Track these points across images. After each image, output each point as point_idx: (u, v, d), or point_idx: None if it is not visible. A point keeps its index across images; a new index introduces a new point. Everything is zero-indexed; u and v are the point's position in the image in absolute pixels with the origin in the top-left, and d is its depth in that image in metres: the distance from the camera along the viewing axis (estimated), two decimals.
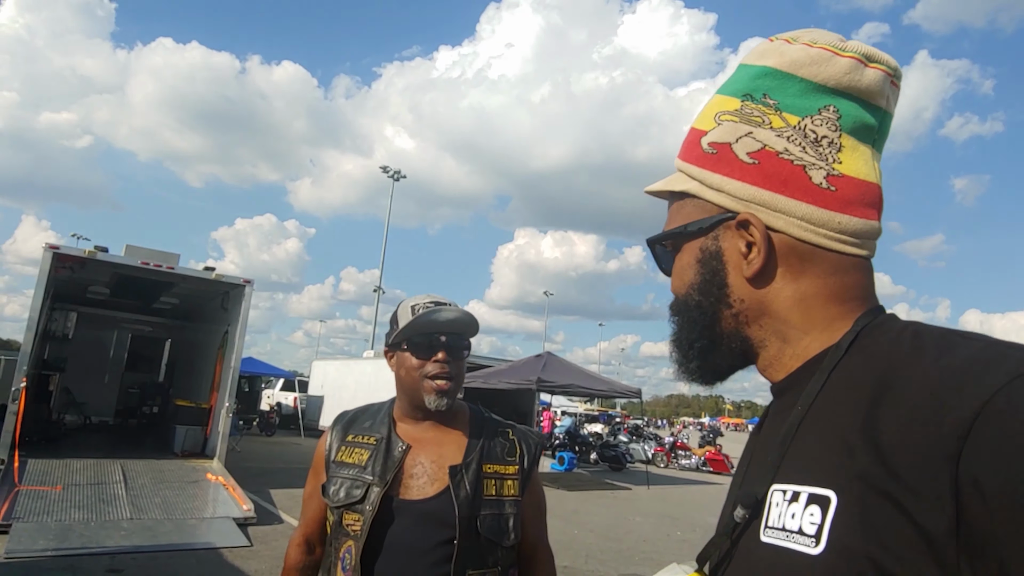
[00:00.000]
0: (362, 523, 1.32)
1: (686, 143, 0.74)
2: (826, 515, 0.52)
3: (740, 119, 0.68)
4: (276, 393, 24.17)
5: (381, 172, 35.42)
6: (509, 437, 1.48)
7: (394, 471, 1.36)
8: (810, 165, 0.64)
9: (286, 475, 11.26)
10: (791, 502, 0.56)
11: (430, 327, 1.40)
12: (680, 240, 0.72)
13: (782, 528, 0.55)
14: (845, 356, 0.60)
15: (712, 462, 19.68)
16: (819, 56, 0.65)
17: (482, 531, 1.33)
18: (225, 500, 7.89)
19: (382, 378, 18.07)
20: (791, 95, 0.66)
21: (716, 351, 0.70)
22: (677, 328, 0.73)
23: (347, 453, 1.45)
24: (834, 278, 0.65)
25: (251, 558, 6.01)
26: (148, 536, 6.23)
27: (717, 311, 0.68)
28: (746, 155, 0.67)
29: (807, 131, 0.65)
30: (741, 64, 0.73)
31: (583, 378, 15.09)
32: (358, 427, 1.50)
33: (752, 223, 0.65)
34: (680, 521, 10.23)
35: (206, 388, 11.51)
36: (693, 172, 0.71)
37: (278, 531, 7.16)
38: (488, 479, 1.39)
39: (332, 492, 1.40)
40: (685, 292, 0.71)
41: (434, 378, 1.38)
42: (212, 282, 10.40)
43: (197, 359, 13.37)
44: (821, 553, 0.51)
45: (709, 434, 29.76)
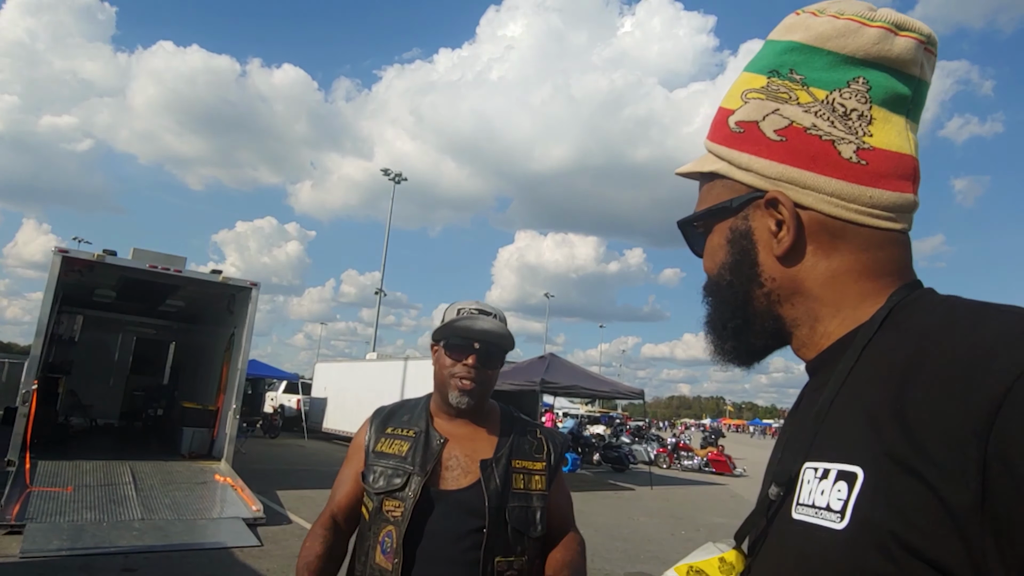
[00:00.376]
0: (403, 510, 1.41)
1: (714, 123, 0.73)
2: (852, 491, 0.52)
3: (767, 96, 0.68)
4: (279, 395, 24.21)
5: (382, 175, 35.48)
6: (537, 436, 1.58)
7: (433, 462, 1.46)
8: (839, 140, 0.63)
9: (291, 476, 11.33)
10: (821, 479, 0.56)
11: (466, 332, 1.50)
12: (710, 221, 0.72)
13: (811, 505, 0.56)
14: (878, 333, 0.59)
15: (714, 463, 19.71)
16: (846, 28, 0.64)
17: (510, 521, 1.42)
18: (234, 501, 7.96)
19: (386, 380, 18.17)
20: (818, 69, 0.65)
21: (750, 331, 0.69)
22: (711, 309, 0.73)
23: (387, 444, 1.54)
24: (867, 254, 0.63)
25: (262, 557, 6.08)
26: (160, 536, 6.31)
27: (749, 290, 0.68)
28: (773, 132, 0.66)
29: (835, 105, 0.64)
30: (768, 40, 0.71)
31: (586, 379, 15.14)
32: (397, 420, 1.59)
33: (781, 201, 0.64)
34: (684, 521, 10.29)
35: (212, 390, 11.57)
36: (721, 152, 0.71)
37: (287, 531, 7.23)
38: (517, 474, 1.48)
39: (372, 480, 1.49)
40: (717, 272, 0.71)
41: (460, 379, 1.49)
42: (218, 285, 10.47)
43: (203, 361, 13.44)
44: (845, 528, 0.51)
45: (711, 435, 29.79)
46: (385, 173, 35.45)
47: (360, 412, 12.50)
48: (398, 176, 35.33)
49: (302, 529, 7.38)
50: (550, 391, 14.99)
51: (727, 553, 0.69)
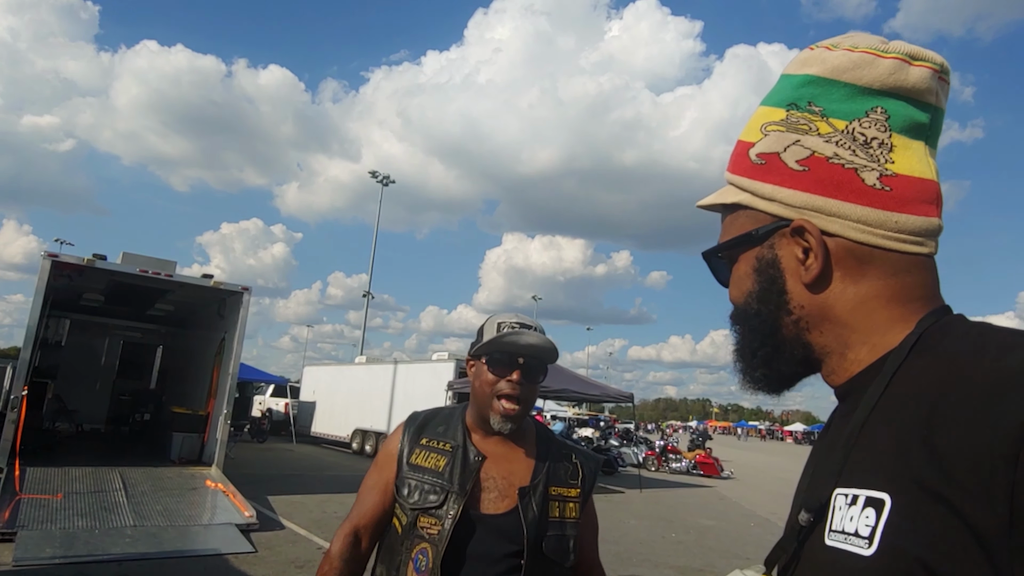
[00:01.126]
0: (440, 529, 1.38)
1: (734, 156, 0.75)
2: (880, 517, 0.52)
3: (786, 128, 0.70)
4: (267, 399, 24.07)
5: (369, 177, 35.45)
6: (572, 460, 1.55)
7: (472, 482, 1.43)
8: (861, 167, 0.65)
9: (282, 482, 11.28)
10: (851, 505, 0.56)
11: (511, 348, 1.45)
12: (735, 251, 0.73)
13: (842, 531, 0.56)
14: (908, 359, 0.60)
15: (702, 465, 19.86)
16: (861, 60, 0.66)
17: (547, 552, 1.41)
18: (226, 507, 7.93)
19: (375, 384, 18.15)
20: (836, 100, 0.67)
21: (780, 358, 0.70)
22: (739, 337, 0.74)
23: (423, 457, 1.49)
24: (895, 279, 0.64)
25: (257, 564, 6.07)
26: (153, 543, 6.28)
27: (777, 318, 0.69)
28: (795, 163, 0.68)
29: (855, 134, 0.66)
30: (783, 75, 0.74)
31: (576, 383, 15.21)
32: (431, 431, 1.54)
33: (807, 229, 0.66)
34: (674, 523, 10.39)
35: (202, 395, 11.50)
36: (744, 184, 0.72)
37: (280, 537, 7.22)
38: (553, 501, 1.46)
39: (407, 493, 1.45)
40: (744, 301, 0.72)
41: (504, 398, 1.44)
42: (209, 289, 10.44)
43: (192, 366, 13.35)
44: (873, 554, 0.52)
45: (698, 438, 29.98)
46: (373, 175, 35.40)
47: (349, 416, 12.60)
48: (386, 178, 35.30)
49: (295, 535, 7.38)
50: (540, 395, 15.02)
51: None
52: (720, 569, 7.40)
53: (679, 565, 7.52)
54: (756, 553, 8.60)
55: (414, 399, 15.71)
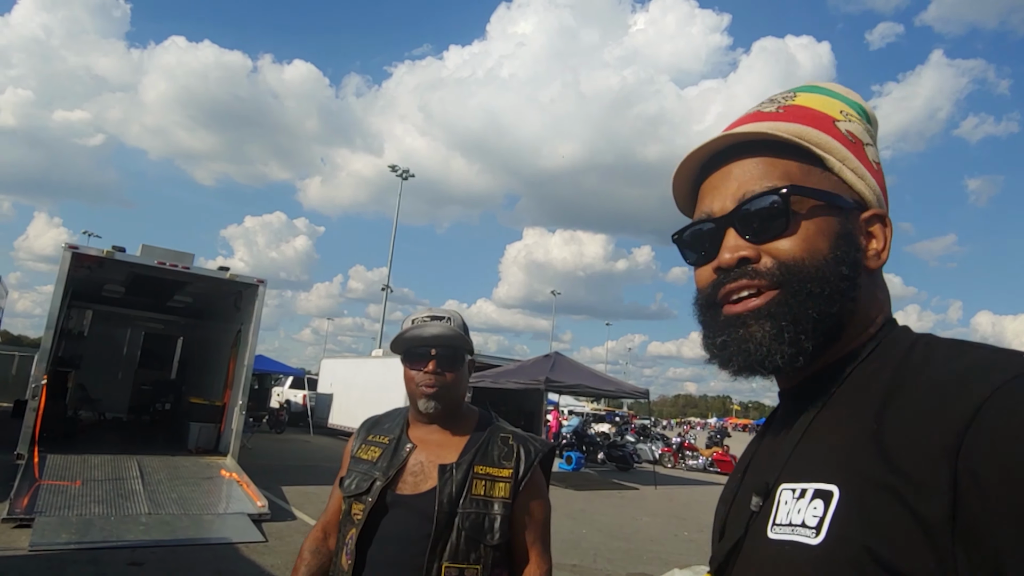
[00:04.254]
0: (363, 512, 1.45)
1: (810, 115, 0.70)
2: (828, 508, 0.54)
3: (864, 129, 0.74)
4: (285, 391, 24.35)
5: (390, 171, 35.58)
6: (509, 443, 1.55)
7: (397, 468, 1.49)
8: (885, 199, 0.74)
9: (297, 472, 11.40)
10: (798, 499, 0.58)
11: (418, 342, 1.53)
12: (821, 207, 0.66)
13: (788, 524, 0.58)
14: (864, 361, 0.64)
15: (719, 463, 19.68)
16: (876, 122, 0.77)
17: (464, 528, 1.41)
18: (240, 496, 8.03)
19: (391, 377, 18.20)
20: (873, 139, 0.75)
21: (837, 330, 0.65)
22: (798, 296, 0.64)
23: (365, 450, 1.59)
24: (884, 292, 0.71)
25: (266, 553, 6.13)
26: (166, 531, 6.37)
27: (854, 288, 0.66)
28: (873, 160, 0.73)
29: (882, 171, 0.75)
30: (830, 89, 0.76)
31: (591, 378, 15.15)
32: (379, 428, 1.64)
33: (886, 222, 0.71)
34: (688, 521, 10.30)
35: (219, 386, 11.66)
36: (834, 147, 0.68)
37: (292, 527, 7.28)
38: (478, 479, 1.46)
39: (347, 484, 1.54)
40: (822, 260, 0.65)
41: (424, 386, 1.51)
42: (226, 282, 10.55)
43: (210, 357, 13.54)
44: (820, 543, 0.53)
45: (716, 435, 29.74)
46: (392, 169, 35.52)
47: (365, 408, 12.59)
48: (405, 172, 35.39)
49: (307, 525, 7.44)
50: (555, 389, 15.01)
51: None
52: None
53: (690, 564, 7.44)
54: None
55: None
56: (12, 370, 19.98)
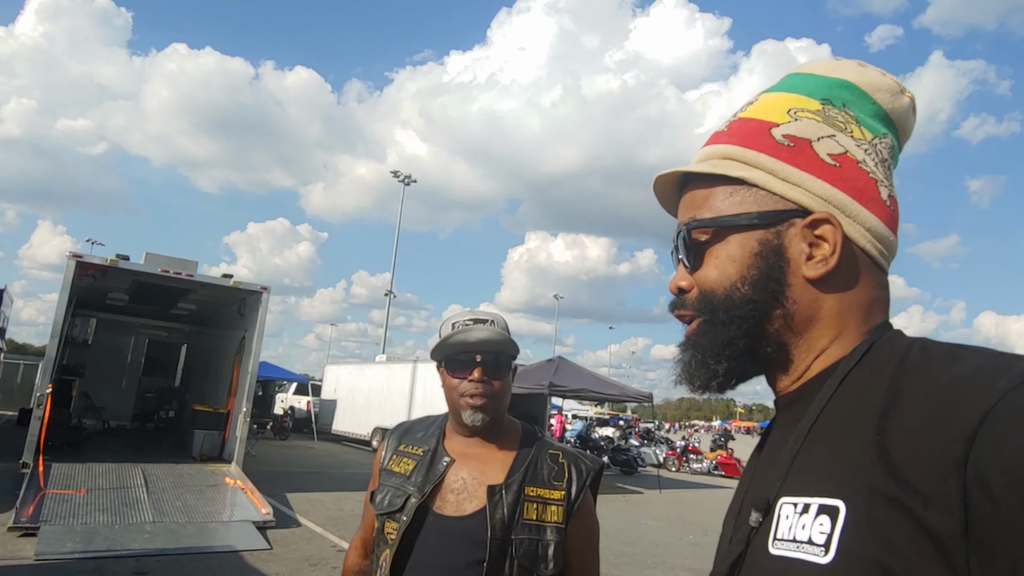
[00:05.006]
0: (397, 532, 1.33)
1: (746, 130, 0.71)
2: (835, 525, 0.52)
3: (823, 120, 0.68)
4: (289, 397, 24.36)
5: (392, 177, 35.67)
6: (559, 460, 1.43)
7: (434, 483, 1.36)
8: (880, 181, 0.67)
9: (301, 479, 11.40)
10: (801, 514, 0.56)
11: (463, 347, 1.40)
12: (728, 230, 0.68)
13: (792, 539, 0.55)
14: (855, 369, 0.61)
15: (724, 466, 19.64)
16: (892, 87, 0.69)
17: (517, 556, 1.29)
18: (244, 504, 8.03)
19: (394, 383, 18.26)
20: (866, 113, 0.69)
21: (752, 354, 0.67)
22: (711, 325, 0.67)
23: (396, 462, 1.46)
24: (874, 292, 0.66)
25: (271, 561, 6.14)
26: (171, 539, 6.38)
27: (769, 309, 0.65)
28: (827, 155, 0.66)
29: (878, 149, 0.68)
30: (805, 73, 0.72)
31: (594, 382, 15.14)
32: (411, 437, 1.51)
33: (832, 224, 0.64)
34: (692, 525, 10.27)
35: (223, 393, 11.68)
36: (761, 161, 0.68)
37: (296, 534, 7.28)
38: (529, 502, 1.34)
39: (378, 500, 1.42)
40: (730, 286, 0.67)
41: (470, 396, 1.39)
42: (230, 289, 10.58)
43: (214, 364, 13.57)
44: (831, 562, 0.52)
45: (720, 438, 29.64)
46: (395, 175, 35.61)
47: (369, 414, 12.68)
48: (407, 178, 35.47)
49: (311, 532, 7.44)
50: (558, 394, 15.00)
51: None
52: None
53: (695, 568, 7.41)
54: None
55: (433, 398, 15.76)
56: (17, 378, 20.04)
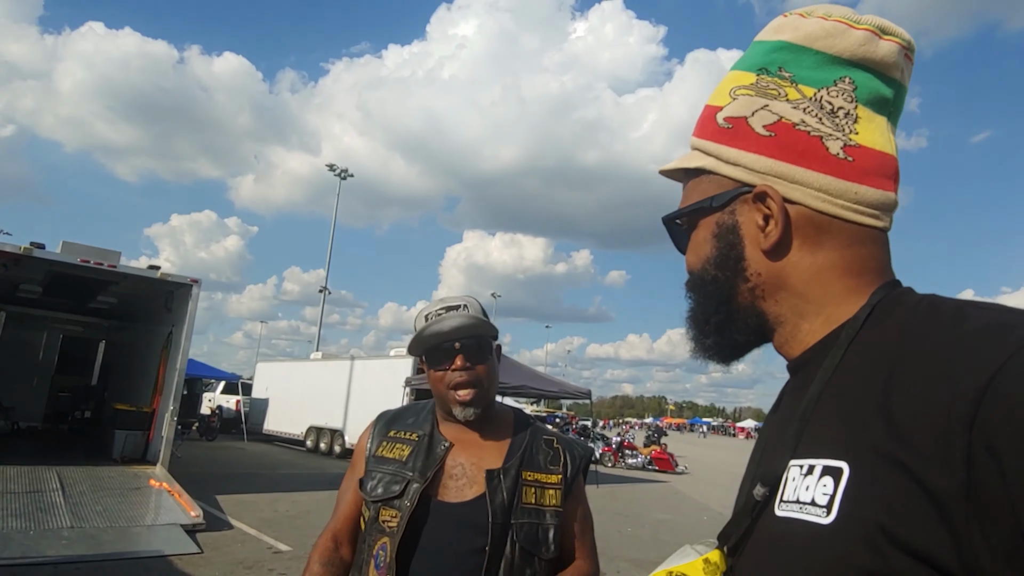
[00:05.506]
0: (399, 519, 1.30)
1: (701, 120, 0.73)
2: (838, 485, 0.52)
3: (756, 93, 0.68)
4: (217, 396, 23.41)
5: (327, 170, 34.84)
6: (554, 446, 1.44)
7: (435, 468, 1.35)
8: (827, 136, 0.64)
9: (232, 481, 10.97)
10: (806, 475, 0.56)
11: (439, 338, 1.38)
12: (696, 216, 0.72)
13: (796, 500, 0.55)
14: (862, 330, 0.60)
15: (657, 461, 20.20)
16: (834, 28, 0.65)
17: (518, 540, 1.30)
18: (171, 507, 7.65)
19: (331, 381, 17.84)
20: (806, 67, 0.66)
21: (732, 326, 0.70)
22: (693, 304, 0.73)
23: (388, 448, 1.43)
24: (851, 250, 0.64)
25: (203, 565, 5.86)
26: (91, 545, 5.99)
27: (734, 285, 0.68)
28: (762, 128, 0.66)
29: (823, 102, 0.65)
30: (755, 41, 0.72)
31: (535, 380, 15.24)
32: (401, 423, 1.48)
33: (769, 195, 0.64)
34: (630, 518, 10.51)
35: (148, 391, 11.08)
36: (708, 148, 0.70)
37: (228, 537, 6.99)
38: (528, 486, 1.35)
39: (371, 487, 1.38)
40: (701, 267, 0.71)
41: (457, 388, 1.37)
42: (156, 281, 10.06)
43: (137, 361, 12.86)
44: (832, 522, 0.52)
45: (654, 434, 30.46)
46: (331, 169, 34.80)
47: (304, 414, 12.40)
48: (344, 172, 34.74)
49: (244, 534, 7.17)
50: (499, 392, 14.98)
51: (710, 553, 0.68)
52: None
53: (634, 558, 7.59)
54: None
55: (371, 396, 15.55)
56: None
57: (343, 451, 16.41)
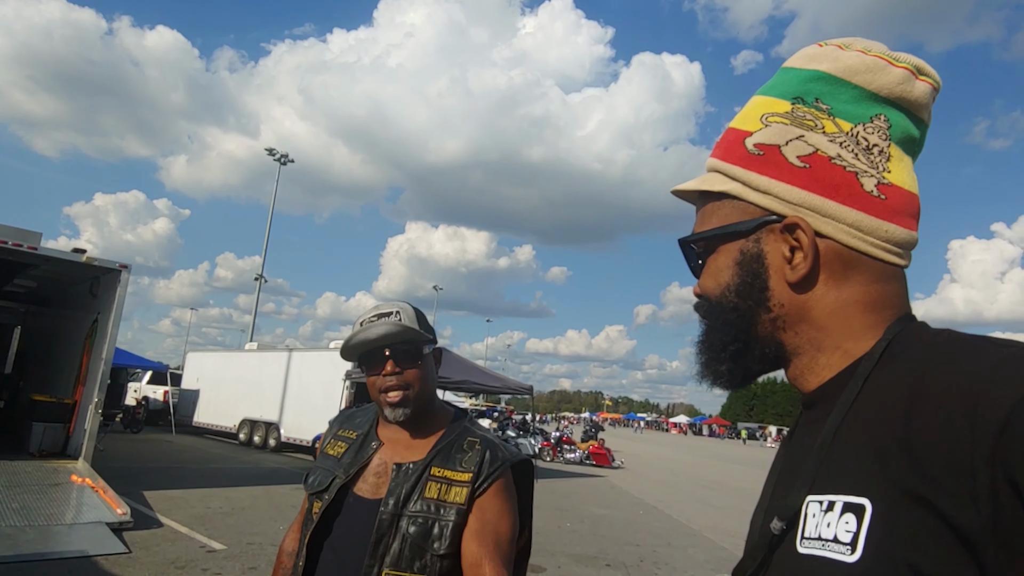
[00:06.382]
0: (319, 511, 1.38)
1: (726, 143, 0.72)
2: (862, 523, 0.52)
3: (791, 122, 0.67)
4: (143, 386, 22.34)
5: (267, 154, 33.66)
6: (476, 447, 1.42)
7: (359, 466, 1.41)
8: (862, 172, 0.64)
9: (160, 476, 10.51)
10: (826, 512, 0.55)
11: (366, 345, 1.42)
12: (716, 241, 0.71)
13: (818, 538, 0.55)
14: (878, 365, 0.60)
15: (595, 455, 20.54)
16: (874, 64, 0.65)
17: (408, 532, 1.31)
18: (95, 504, 7.26)
19: (267, 373, 17.32)
20: (844, 101, 0.66)
21: (749, 355, 0.69)
22: (709, 330, 0.72)
23: (332, 446, 1.51)
24: (875, 286, 0.64)
25: (130, 565, 5.60)
26: (7, 545, 5.62)
27: (755, 315, 0.68)
28: (796, 158, 0.66)
29: (859, 138, 0.65)
30: (786, 67, 0.72)
31: (477, 374, 15.23)
32: (350, 423, 1.56)
33: (801, 227, 0.64)
34: (569, 513, 10.65)
35: (69, 381, 10.48)
36: (735, 173, 0.70)
37: (158, 535, 6.70)
38: (433, 481, 1.36)
39: (311, 481, 1.47)
40: (720, 294, 0.70)
41: (387, 391, 1.40)
42: (81, 266, 9.49)
43: (58, 349, 12.11)
44: (858, 560, 0.51)
45: (591, 429, 31.00)
46: (270, 153, 33.64)
47: (237, 406, 12.03)
48: (284, 157, 33.66)
49: (175, 532, 6.89)
50: (440, 386, 14.93)
51: None
52: (612, 555, 7.68)
53: (574, 553, 7.71)
54: (645, 539, 9.00)
55: (309, 389, 15.17)
56: None
57: (279, 444, 15.94)
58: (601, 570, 7.04)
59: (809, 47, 0.71)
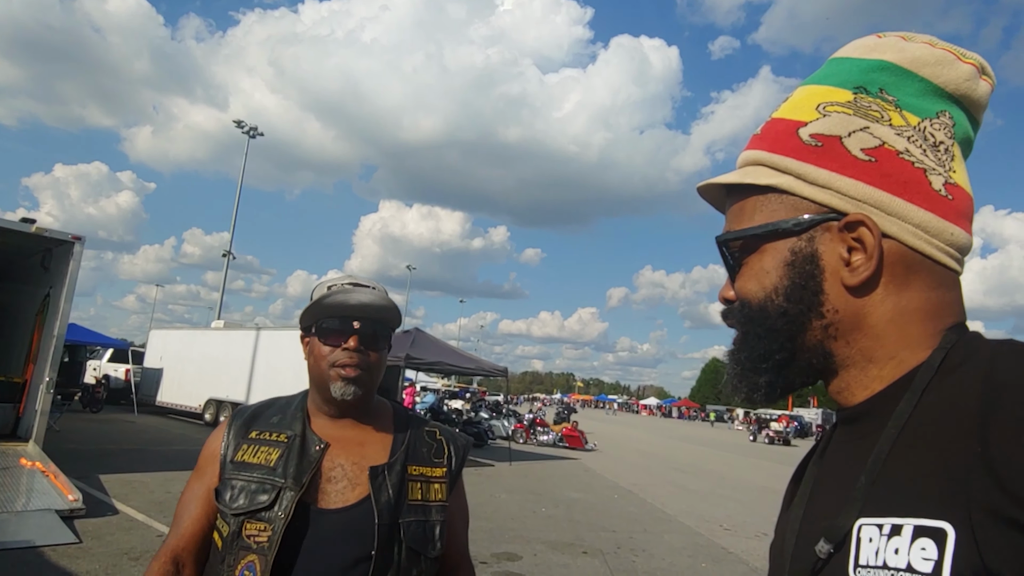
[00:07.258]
0: (271, 533, 1.13)
1: (774, 133, 0.67)
2: (944, 549, 0.48)
3: (854, 112, 0.63)
4: (103, 364, 21.63)
5: (236, 128, 32.64)
6: (436, 437, 1.37)
7: (311, 473, 1.20)
8: (930, 170, 0.61)
9: (119, 458, 10.11)
10: (891, 536, 0.51)
11: (340, 310, 1.26)
12: (760, 240, 0.65)
13: (883, 566, 0.51)
14: (936, 376, 0.56)
15: (568, 438, 20.60)
16: (943, 57, 0.62)
17: (406, 540, 1.20)
18: (45, 490, 6.85)
19: (234, 352, 16.87)
20: (910, 94, 0.62)
21: (794, 366, 0.64)
22: (747, 337, 0.66)
23: (251, 452, 1.25)
24: (936, 292, 0.60)
25: (81, 557, 5.25)
26: None
27: (806, 320, 0.62)
28: (860, 151, 0.61)
29: (927, 133, 0.61)
30: (837, 58, 0.68)
31: (451, 355, 15.03)
32: (264, 423, 1.30)
33: (868, 225, 0.59)
34: (544, 497, 10.53)
35: (19, 359, 9.96)
36: (787, 165, 0.64)
37: (112, 523, 6.34)
38: (413, 482, 1.27)
39: (230, 498, 1.19)
40: (764, 297, 0.64)
41: (343, 365, 1.24)
42: (30, 236, 8.93)
43: (6, 325, 11.49)
44: None
45: (564, 411, 31.13)
46: (239, 125, 32.64)
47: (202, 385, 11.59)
48: (253, 130, 32.70)
49: (131, 521, 6.53)
50: (414, 366, 14.67)
51: None
52: (589, 542, 7.55)
53: (550, 540, 7.55)
54: (621, 525, 8.90)
55: (278, 368, 14.77)
56: None
57: None
58: (578, 558, 6.88)
59: (865, 38, 0.67)
